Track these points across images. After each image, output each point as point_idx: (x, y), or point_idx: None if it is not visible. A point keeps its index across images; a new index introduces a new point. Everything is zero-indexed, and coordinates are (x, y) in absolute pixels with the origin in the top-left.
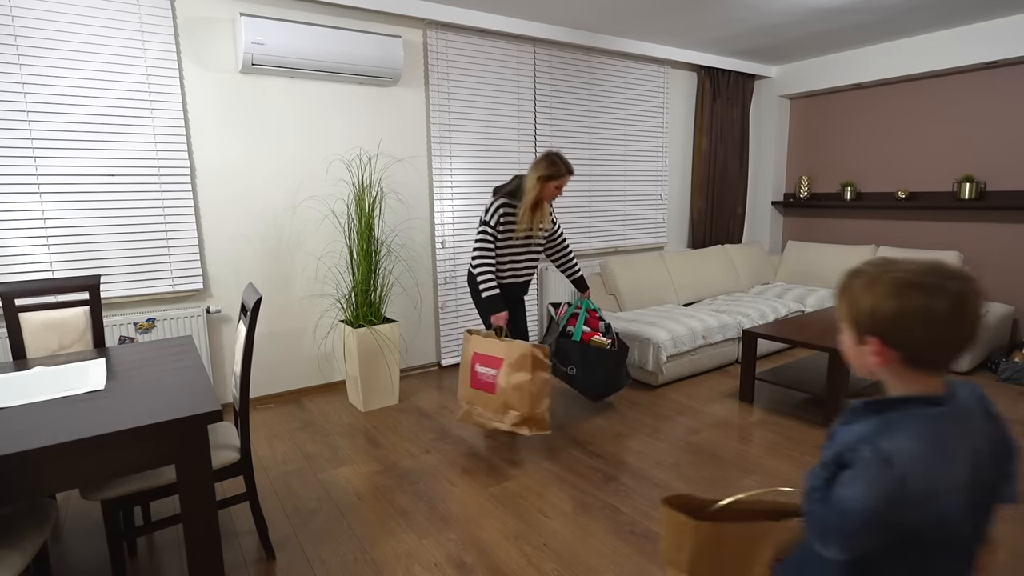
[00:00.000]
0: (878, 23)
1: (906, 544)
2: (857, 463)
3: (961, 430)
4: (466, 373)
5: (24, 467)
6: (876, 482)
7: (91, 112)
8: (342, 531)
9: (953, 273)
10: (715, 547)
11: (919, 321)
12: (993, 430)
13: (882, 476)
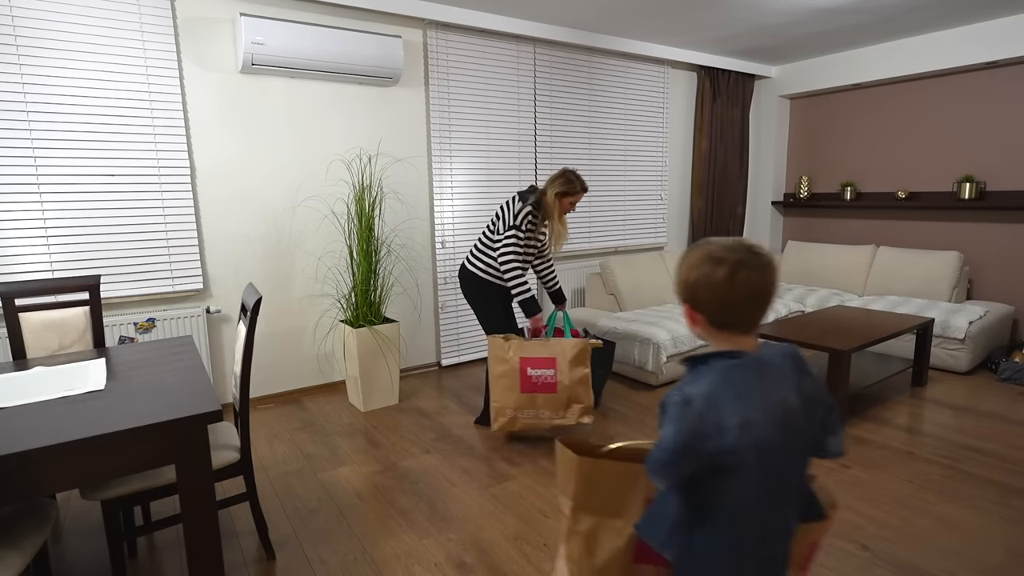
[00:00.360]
0: (878, 23)
1: (717, 471)
2: (669, 407)
3: (756, 379)
4: (511, 380)
5: (24, 467)
6: (680, 420)
7: (91, 112)
8: (342, 531)
9: (741, 247)
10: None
11: (705, 288)
12: (804, 385)
13: (684, 415)
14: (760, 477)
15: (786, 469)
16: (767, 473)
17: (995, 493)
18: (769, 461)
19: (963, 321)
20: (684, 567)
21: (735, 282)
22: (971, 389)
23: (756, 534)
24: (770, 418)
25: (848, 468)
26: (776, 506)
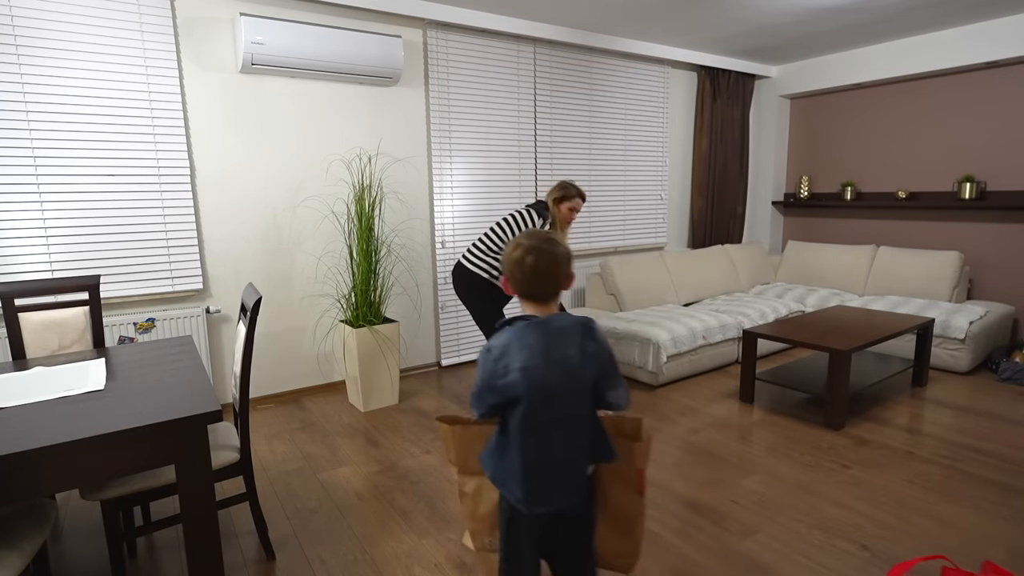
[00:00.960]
0: (878, 23)
1: (509, 402)
2: (480, 355)
3: (542, 336)
4: None
5: (24, 467)
6: (483, 364)
7: (91, 112)
8: (342, 531)
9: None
10: (469, 445)
11: (510, 266)
12: (587, 346)
13: (486, 360)
14: (538, 406)
15: (564, 402)
16: (544, 404)
17: (995, 493)
18: (547, 396)
19: (963, 321)
20: (499, 479)
21: (525, 264)
22: (971, 389)
23: (537, 446)
24: (551, 365)
25: (848, 468)
26: (554, 427)
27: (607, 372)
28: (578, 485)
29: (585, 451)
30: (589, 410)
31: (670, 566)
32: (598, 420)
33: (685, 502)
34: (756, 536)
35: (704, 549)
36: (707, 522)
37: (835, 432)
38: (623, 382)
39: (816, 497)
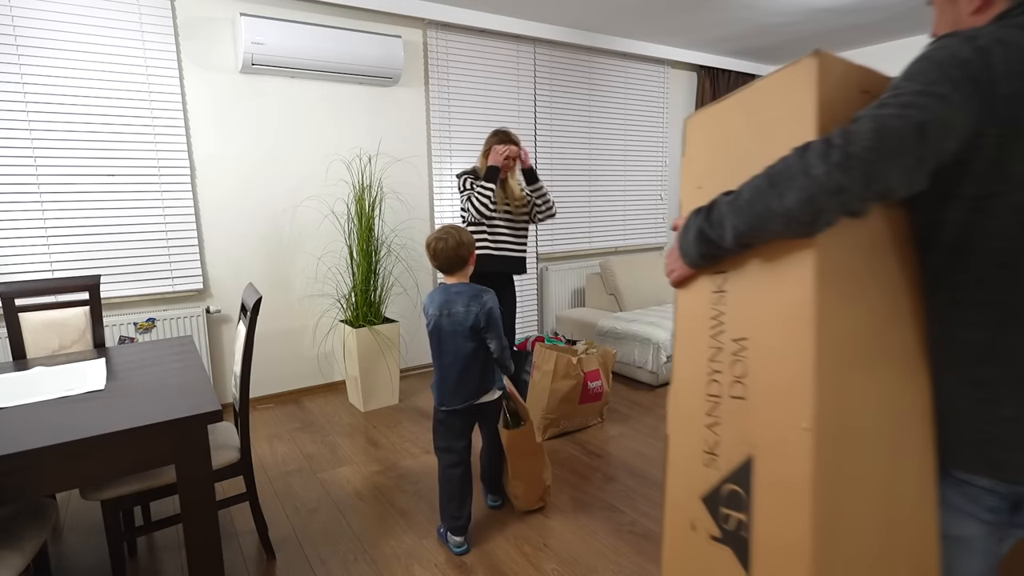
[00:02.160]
0: (878, 23)
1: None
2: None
3: (443, 294)
4: (575, 394)
5: (24, 467)
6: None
7: (91, 112)
8: (342, 531)
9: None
10: None
11: (427, 250)
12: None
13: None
14: (438, 340)
15: (452, 339)
16: (440, 339)
17: None
18: (441, 333)
19: None
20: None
21: (431, 248)
22: None
23: (440, 367)
24: (443, 314)
25: None
26: (448, 355)
27: (486, 326)
28: (468, 394)
29: (475, 375)
30: (473, 349)
31: None
32: (489, 360)
33: None
34: None
35: None
36: None
37: None
38: (501, 338)
39: None
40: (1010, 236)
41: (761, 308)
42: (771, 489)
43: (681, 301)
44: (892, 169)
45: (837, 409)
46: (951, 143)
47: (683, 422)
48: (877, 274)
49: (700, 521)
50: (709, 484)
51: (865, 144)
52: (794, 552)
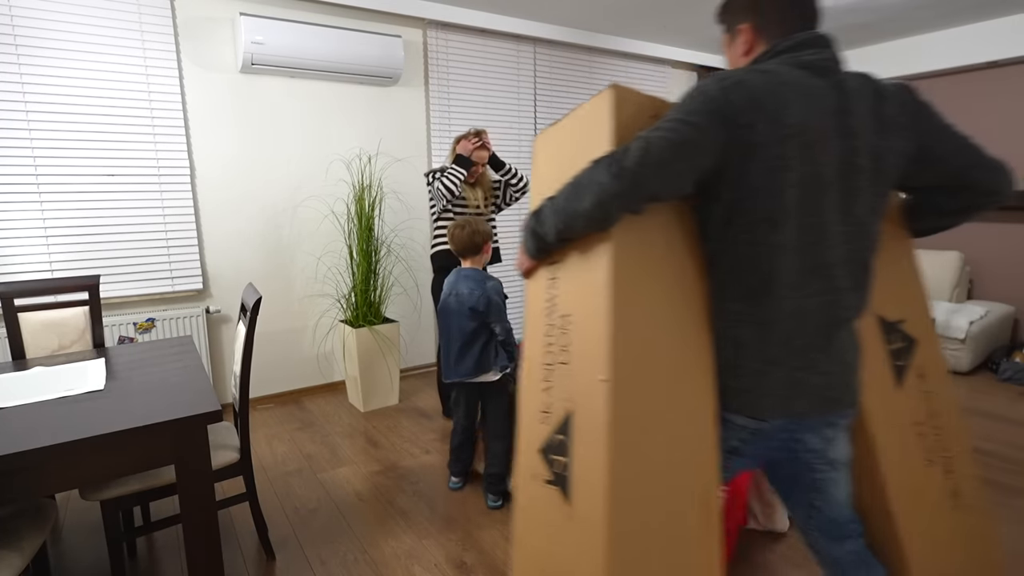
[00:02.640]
0: (878, 23)
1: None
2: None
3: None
4: None
5: (24, 467)
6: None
7: (91, 112)
8: (342, 531)
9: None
10: None
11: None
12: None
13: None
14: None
15: (456, 317)
16: (448, 315)
17: (995, 493)
18: (448, 311)
19: (963, 321)
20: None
21: (450, 232)
22: (972, 389)
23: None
24: (451, 294)
25: None
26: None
27: (486, 311)
28: (465, 371)
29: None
30: (474, 329)
31: None
32: (490, 342)
33: None
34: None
35: None
36: None
37: None
38: (504, 321)
39: None
40: (750, 231)
41: (578, 288)
42: (583, 434)
43: (528, 289)
44: (655, 178)
45: (630, 363)
46: (704, 159)
47: (528, 390)
48: (668, 258)
49: (538, 469)
50: (543, 438)
51: (634, 159)
52: (597, 484)
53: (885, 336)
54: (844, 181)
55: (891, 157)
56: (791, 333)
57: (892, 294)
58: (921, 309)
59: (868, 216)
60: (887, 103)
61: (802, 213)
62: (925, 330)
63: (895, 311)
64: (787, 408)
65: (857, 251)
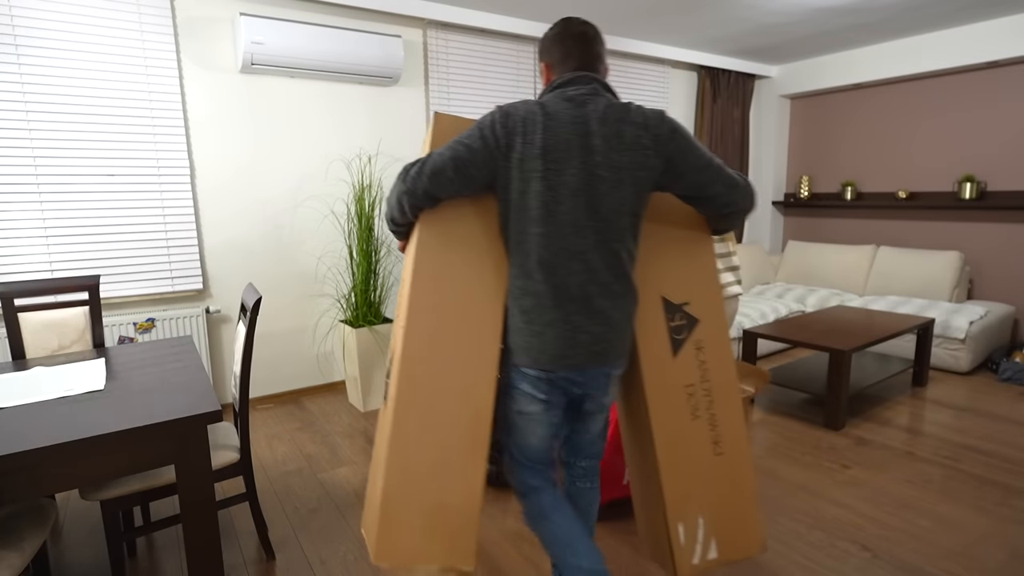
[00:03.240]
0: (878, 23)
1: None
2: None
3: None
4: None
5: (24, 467)
6: None
7: (91, 112)
8: (342, 531)
9: None
10: None
11: None
12: None
13: None
14: None
15: None
16: None
17: (995, 493)
18: None
19: (963, 321)
20: None
21: None
22: (972, 389)
23: None
24: None
25: (848, 468)
26: None
27: None
28: None
29: None
30: None
31: None
32: None
33: None
34: None
35: None
36: None
37: (835, 432)
38: None
39: (816, 497)
40: (520, 225)
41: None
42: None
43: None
44: (430, 183)
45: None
46: (473, 171)
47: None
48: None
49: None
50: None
51: (416, 169)
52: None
53: (668, 315)
54: (588, 187)
55: (632, 169)
56: (559, 302)
57: (681, 281)
58: (708, 296)
59: (613, 214)
60: (629, 127)
61: (556, 212)
62: (709, 312)
63: (681, 295)
64: (565, 360)
65: (605, 241)
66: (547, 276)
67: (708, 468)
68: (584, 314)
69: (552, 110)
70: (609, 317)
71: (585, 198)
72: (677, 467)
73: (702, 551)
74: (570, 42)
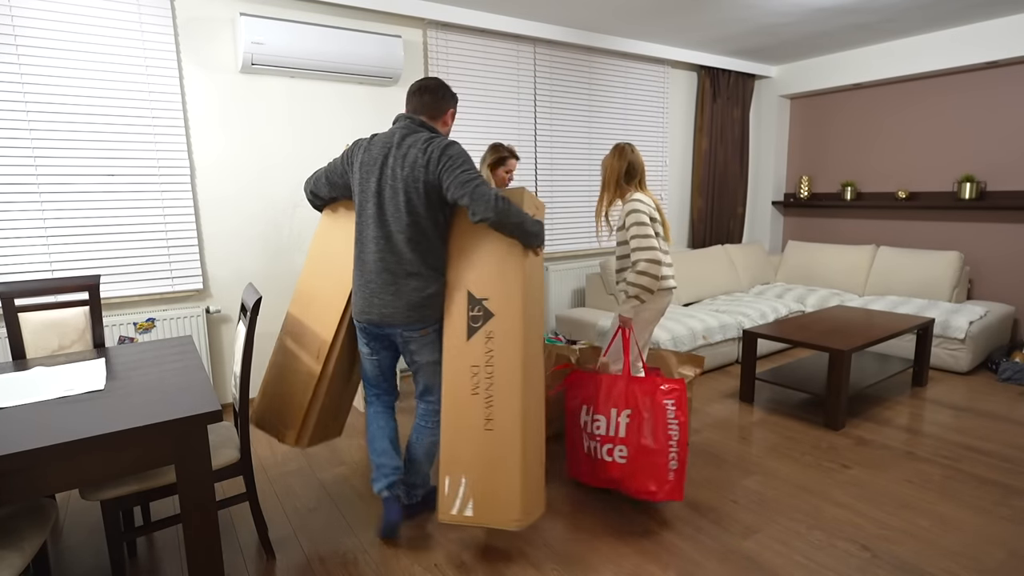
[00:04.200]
0: (878, 23)
1: None
2: None
3: None
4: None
5: (24, 467)
6: None
7: (91, 112)
8: (342, 531)
9: None
10: None
11: None
12: None
13: None
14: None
15: None
16: None
17: (995, 493)
18: None
19: (963, 321)
20: None
21: None
22: (971, 389)
23: None
24: None
25: (848, 468)
26: None
27: None
28: None
29: None
30: None
31: (670, 566)
32: None
33: (685, 502)
34: (756, 536)
35: (704, 549)
36: (707, 522)
37: (835, 432)
38: None
39: (816, 497)
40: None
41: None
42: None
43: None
44: (312, 185)
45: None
46: (335, 178)
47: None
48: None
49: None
50: None
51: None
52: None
53: (469, 306)
54: (381, 192)
55: (409, 180)
56: (363, 273)
57: (486, 280)
58: (508, 294)
59: (396, 212)
60: (413, 150)
61: (365, 208)
62: (505, 309)
63: (483, 291)
64: (366, 316)
65: (393, 232)
66: (359, 253)
67: (476, 438)
68: (376, 284)
69: (375, 139)
70: (397, 290)
71: (379, 199)
72: (452, 430)
73: (460, 506)
74: (408, 95)
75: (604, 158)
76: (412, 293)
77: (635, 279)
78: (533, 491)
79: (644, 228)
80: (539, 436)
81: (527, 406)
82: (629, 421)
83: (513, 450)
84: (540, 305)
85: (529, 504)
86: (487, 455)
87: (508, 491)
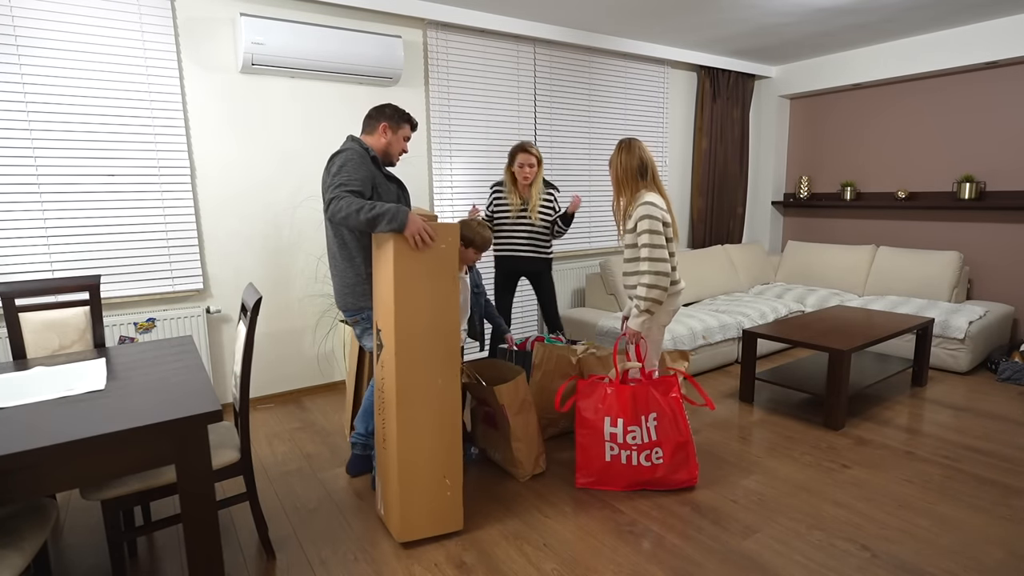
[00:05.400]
0: (878, 23)
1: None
2: None
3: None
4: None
5: (24, 467)
6: None
7: (91, 112)
8: (342, 531)
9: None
10: None
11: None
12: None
13: None
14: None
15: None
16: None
17: (995, 493)
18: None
19: (963, 321)
20: None
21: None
22: (971, 389)
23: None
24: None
25: (848, 468)
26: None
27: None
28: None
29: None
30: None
31: (670, 566)
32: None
33: (685, 502)
34: (756, 536)
35: (704, 549)
36: (707, 522)
37: (835, 432)
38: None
39: (816, 497)
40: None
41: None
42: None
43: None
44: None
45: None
46: None
47: None
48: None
49: None
50: None
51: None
52: None
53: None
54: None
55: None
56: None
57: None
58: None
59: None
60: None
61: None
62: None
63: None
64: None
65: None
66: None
67: (380, 454)
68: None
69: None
70: (336, 279)
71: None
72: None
73: (380, 505)
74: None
75: (612, 157)
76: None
77: (646, 293)
78: (423, 509)
79: (656, 237)
80: (448, 453)
81: (405, 429)
82: (657, 424)
83: (393, 468)
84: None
85: (412, 522)
86: (383, 470)
87: (397, 503)
